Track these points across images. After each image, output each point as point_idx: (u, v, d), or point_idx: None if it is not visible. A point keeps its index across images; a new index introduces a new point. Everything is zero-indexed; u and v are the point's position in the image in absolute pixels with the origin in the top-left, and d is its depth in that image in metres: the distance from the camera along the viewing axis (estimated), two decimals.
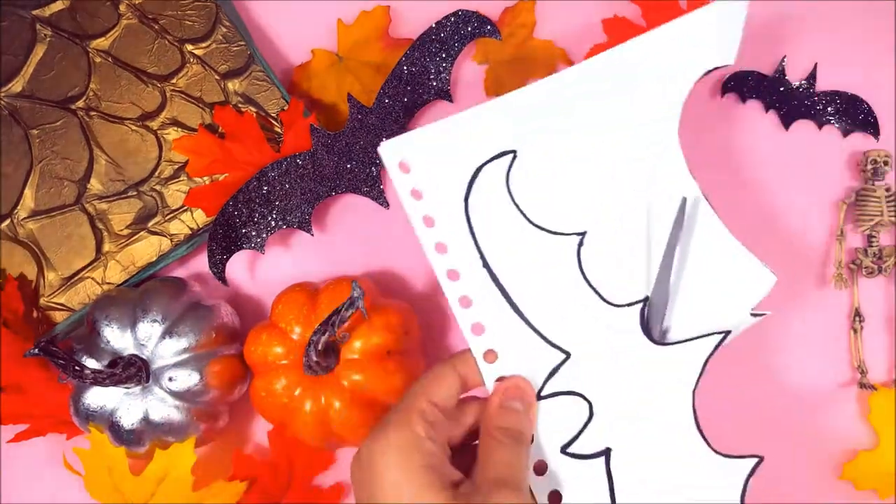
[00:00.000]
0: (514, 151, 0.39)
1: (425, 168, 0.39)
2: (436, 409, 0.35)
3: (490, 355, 0.37)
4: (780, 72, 0.50)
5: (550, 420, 0.37)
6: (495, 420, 0.35)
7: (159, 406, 0.45)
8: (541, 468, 0.36)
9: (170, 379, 0.45)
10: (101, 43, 0.50)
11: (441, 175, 0.39)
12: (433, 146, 0.39)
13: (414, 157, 0.39)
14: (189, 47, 0.50)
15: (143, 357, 0.45)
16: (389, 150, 0.39)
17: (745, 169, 0.50)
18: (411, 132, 0.39)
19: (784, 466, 0.47)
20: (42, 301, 0.50)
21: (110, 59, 0.50)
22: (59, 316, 0.50)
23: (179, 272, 0.52)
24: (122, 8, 0.50)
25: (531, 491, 0.36)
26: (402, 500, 0.31)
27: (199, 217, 0.50)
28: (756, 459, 0.35)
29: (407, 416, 0.34)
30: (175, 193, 0.50)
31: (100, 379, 0.43)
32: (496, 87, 0.51)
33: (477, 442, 0.36)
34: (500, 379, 0.37)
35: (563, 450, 0.36)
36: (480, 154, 0.39)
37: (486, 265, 0.38)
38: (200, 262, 0.52)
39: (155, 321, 0.45)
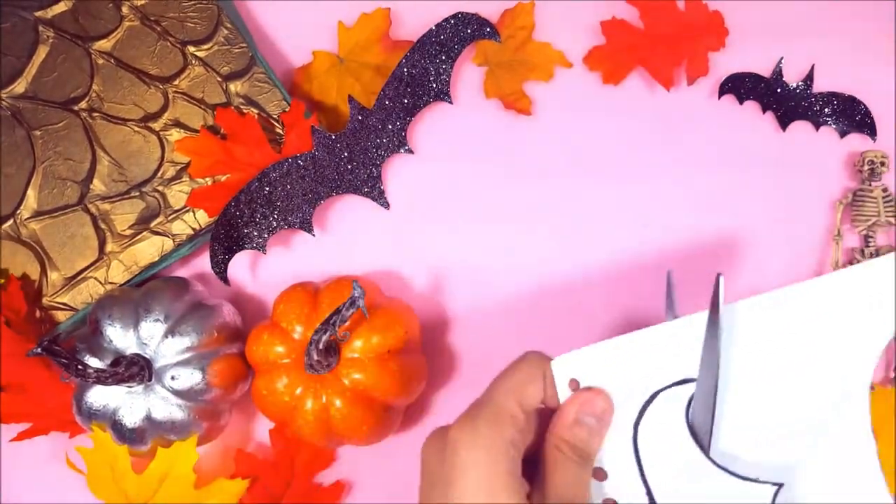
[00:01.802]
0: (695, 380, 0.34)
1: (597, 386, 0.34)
2: (523, 415, 0.33)
3: None
4: (778, 73, 0.50)
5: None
6: (565, 433, 0.33)
7: (162, 405, 0.45)
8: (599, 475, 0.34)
9: (172, 378, 0.45)
10: (104, 44, 0.51)
11: (613, 396, 0.34)
12: (608, 364, 0.34)
13: (586, 374, 0.34)
14: (191, 49, 0.50)
15: (146, 356, 0.45)
16: (561, 367, 0.34)
17: (743, 170, 0.51)
18: (585, 348, 0.34)
19: None
20: (45, 301, 0.50)
21: (112, 61, 0.51)
22: (61, 315, 0.50)
23: (182, 272, 0.52)
24: (125, 10, 0.51)
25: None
26: (479, 500, 0.30)
27: (202, 217, 0.50)
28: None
29: (499, 416, 0.32)
30: (177, 194, 0.50)
31: (102, 378, 0.43)
32: (495, 89, 0.52)
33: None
34: (575, 388, 0.34)
35: None
36: (659, 378, 0.34)
37: (652, 502, 0.34)
38: (203, 262, 0.52)
39: (157, 320, 0.45)
